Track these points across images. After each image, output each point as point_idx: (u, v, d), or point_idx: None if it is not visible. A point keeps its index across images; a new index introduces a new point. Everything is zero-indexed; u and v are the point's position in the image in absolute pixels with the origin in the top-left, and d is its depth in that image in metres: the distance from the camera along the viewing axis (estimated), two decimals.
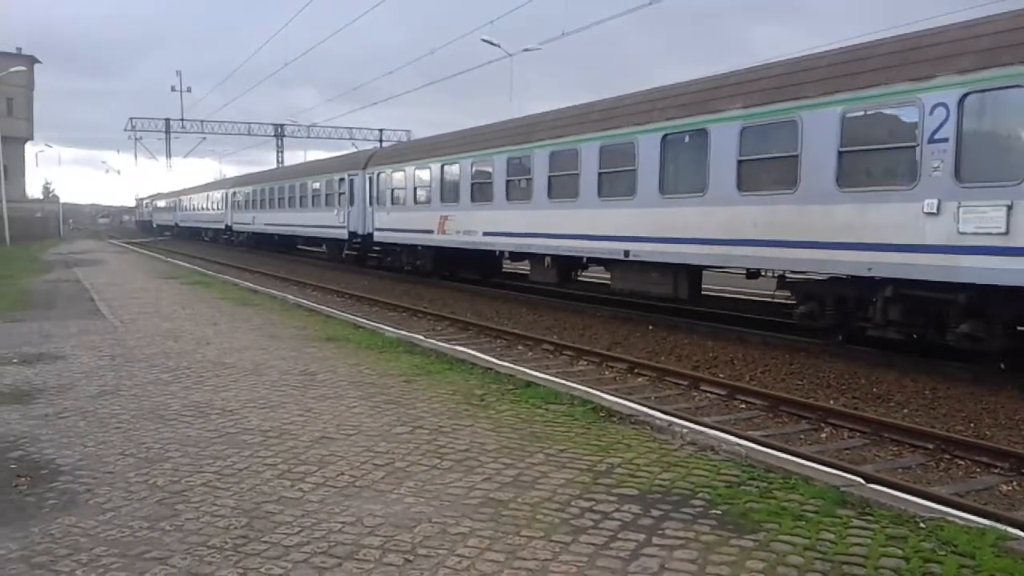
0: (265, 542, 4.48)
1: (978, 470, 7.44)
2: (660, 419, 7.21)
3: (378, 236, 27.47)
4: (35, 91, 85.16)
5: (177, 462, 5.91)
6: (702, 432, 6.84)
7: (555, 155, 17.82)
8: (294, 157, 78.36)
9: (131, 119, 76.85)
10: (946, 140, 10.07)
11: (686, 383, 10.74)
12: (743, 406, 9.76)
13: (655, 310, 16.46)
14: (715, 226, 13.50)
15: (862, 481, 5.63)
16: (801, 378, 10.96)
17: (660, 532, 4.62)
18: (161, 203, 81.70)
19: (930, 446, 7.89)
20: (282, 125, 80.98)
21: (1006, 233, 9.48)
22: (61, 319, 14.47)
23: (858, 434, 8.50)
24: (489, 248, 21.15)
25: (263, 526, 4.70)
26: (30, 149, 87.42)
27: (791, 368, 11.49)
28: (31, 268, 29.61)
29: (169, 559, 4.26)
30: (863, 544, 4.46)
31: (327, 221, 32.29)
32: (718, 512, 4.93)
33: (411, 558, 4.27)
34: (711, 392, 10.32)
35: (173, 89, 77.63)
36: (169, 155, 79.98)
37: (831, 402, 9.66)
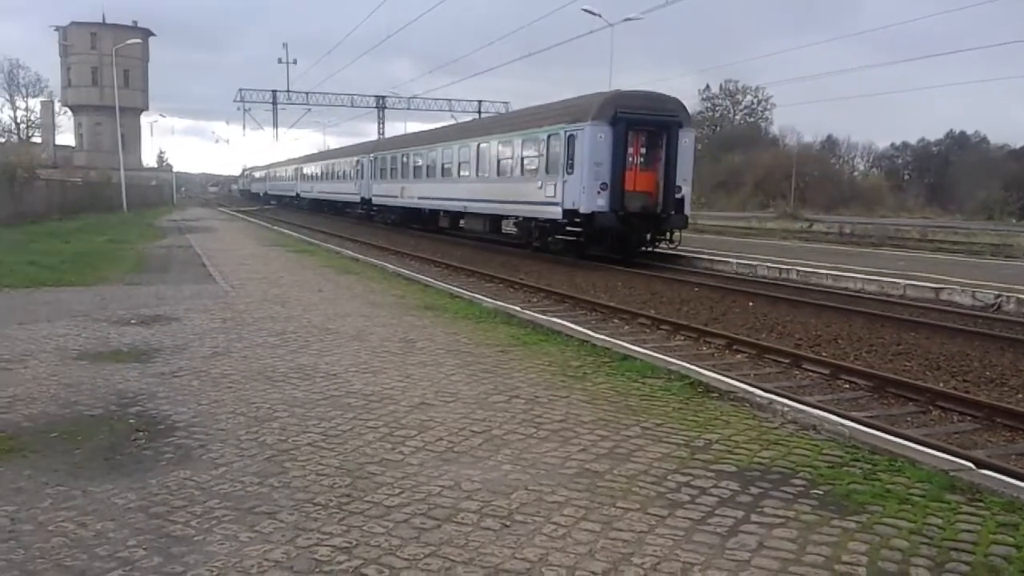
0: (368, 501, 4.61)
1: None
2: (760, 396, 7.08)
3: (374, 200, 42.97)
4: (149, 63, 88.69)
5: (285, 422, 6.13)
6: (804, 411, 6.68)
7: (443, 153, 32.41)
8: (394, 129, 79.46)
9: (240, 90, 79.24)
10: (543, 155, 23.41)
11: (787, 361, 10.48)
12: (847, 386, 9.48)
13: (749, 283, 16.15)
14: (494, 194, 27.00)
15: (972, 466, 5.41)
16: (909, 359, 10.59)
17: (759, 510, 4.57)
18: (257, 174, 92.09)
19: None
20: (383, 97, 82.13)
21: (554, 196, 22.40)
22: (175, 283, 15.14)
23: (968, 418, 8.16)
24: (420, 207, 35.49)
25: (366, 486, 4.84)
26: (145, 119, 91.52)
27: (898, 349, 11.11)
28: (147, 234, 31.03)
29: (278, 514, 4.43)
30: (972, 531, 4.31)
31: (351, 190, 48.30)
32: (819, 492, 4.83)
33: (508, 523, 4.33)
34: (813, 371, 10.04)
35: (280, 61, 79.58)
36: (276, 126, 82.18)
37: (940, 384, 9.30)
